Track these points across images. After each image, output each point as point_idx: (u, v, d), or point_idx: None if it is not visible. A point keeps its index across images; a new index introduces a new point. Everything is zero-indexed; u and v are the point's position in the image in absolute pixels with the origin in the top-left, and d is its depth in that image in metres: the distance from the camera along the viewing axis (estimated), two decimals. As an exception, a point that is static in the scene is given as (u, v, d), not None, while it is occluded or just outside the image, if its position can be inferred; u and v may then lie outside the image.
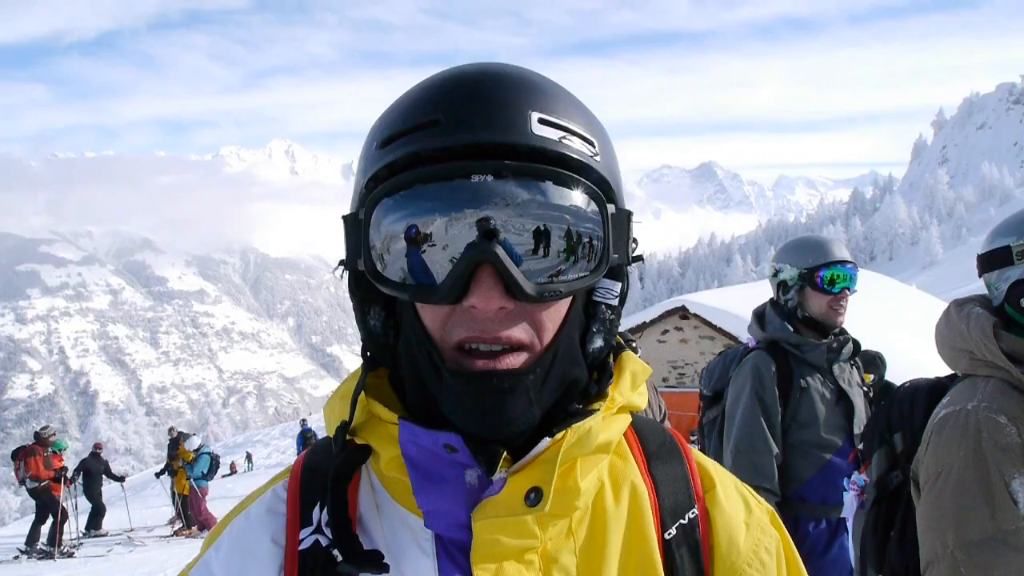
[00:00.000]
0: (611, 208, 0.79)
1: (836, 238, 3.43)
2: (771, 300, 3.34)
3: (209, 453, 15.65)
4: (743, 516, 0.94)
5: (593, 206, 0.77)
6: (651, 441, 0.96)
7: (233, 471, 30.03)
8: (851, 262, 3.16)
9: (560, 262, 0.76)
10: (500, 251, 0.72)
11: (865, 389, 3.24)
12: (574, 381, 0.84)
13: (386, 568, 0.78)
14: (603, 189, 0.79)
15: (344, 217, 0.83)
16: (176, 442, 16.44)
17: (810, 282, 3.13)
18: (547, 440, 0.78)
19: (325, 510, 0.83)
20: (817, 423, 3.07)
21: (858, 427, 3.08)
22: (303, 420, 28.37)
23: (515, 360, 0.77)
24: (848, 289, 3.13)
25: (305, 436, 26.21)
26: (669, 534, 0.88)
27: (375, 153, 0.79)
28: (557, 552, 0.82)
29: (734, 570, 0.90)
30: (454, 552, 0.81)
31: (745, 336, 3.49)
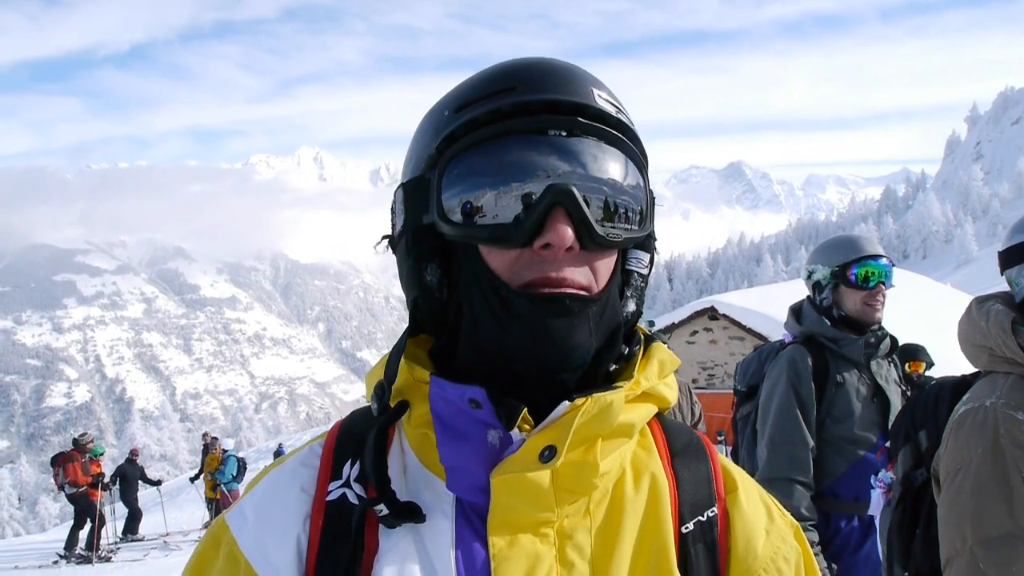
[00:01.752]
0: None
1: (869, 235, 3.38)
2: (808, 296, 3.31)
3: (235, 456, 15.82)
4: (764, 523, 0.95)
5: (640, 173, 0.87)
6: (677, 439, 0.98)
7: (266, 476, 30.30)
8: (884, 257, 3.10)
9: (618, 216, 0.84)
10: (576, 192, 0.79)
11: (903, 388, 3.20)
12: (616, 327, 0.90)
13: (423, 518, 0.82)
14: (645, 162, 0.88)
15: (403, 184, 0.89)
16: (208, 448, 16.63)
17: (843, 279, 3.09)
18: (566, 404, 0.80)
19: (355, 467, 0.88)
20: (852, 419, 3.02)
21: None
22: (280, 444, 28.74)
23: (580, 290, 0.83)
24: (883, 284, 3.07)
25: (275, 455, 26.67)
26: (686, 528, 0.90)
27: (448, 117, 0.85)
28: (573, 530, 0.84)
29: (750, 573, 0.91)
30: (472, 517, 0.84)
31: (775, 336, 3.47)
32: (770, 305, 18.96)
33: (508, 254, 0.82)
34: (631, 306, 0.93)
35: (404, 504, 0.82)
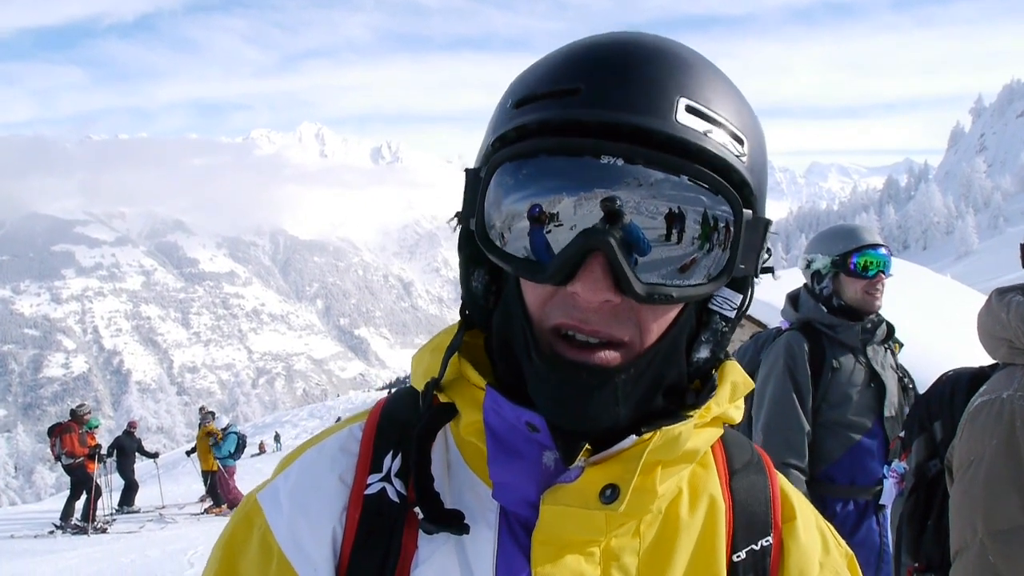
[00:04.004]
0: (747, 214, 0.72)
1: (868, 225, 3.39)
2: (805, 284, 3.32)
3: (236, 432, 15.89)
4: (819, 555, 0.89)
5: (727, 210, 0.70)
6: (737, 457, 0.91)
7: (262, 451, 30.43)
8: (883, 246, 3.12)
9: (678, 264, 0.70)
10: (614, 242, 0.67)
11: (900, 374, 3.22)
12: (672, 386, 0.80)
13: (466, 529, 0.76)
14: (742, 193, 0.72)
15: (467, 170, 0.78)
16: (202, 422, 16.69)
17: (843, 268, 3.11)
18: (633, 438, 0.74)
19: (396, 459, 0.82)
20: (848, 404, 3.06)
21: (889, 410, 3.08)
22: (276, 432, 29.01)
23: (610, 356, 0.73)
24: (883, 273, 3.10)
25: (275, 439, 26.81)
26: (738, 556, 0.84)
27: (508, 112, 0.75)
28: (620, 550, 0.79)
29: None
30: (516, 528, 0.78)
31: (773, 323, 3.48)
32: (768, 292, 18.86)
33: (542, 288, 0.73)
34: (704, 352, 0.83)
35: (447, 512, 0.76)
